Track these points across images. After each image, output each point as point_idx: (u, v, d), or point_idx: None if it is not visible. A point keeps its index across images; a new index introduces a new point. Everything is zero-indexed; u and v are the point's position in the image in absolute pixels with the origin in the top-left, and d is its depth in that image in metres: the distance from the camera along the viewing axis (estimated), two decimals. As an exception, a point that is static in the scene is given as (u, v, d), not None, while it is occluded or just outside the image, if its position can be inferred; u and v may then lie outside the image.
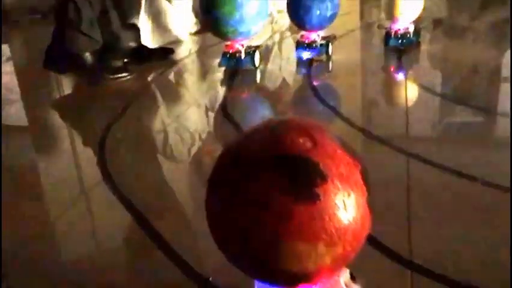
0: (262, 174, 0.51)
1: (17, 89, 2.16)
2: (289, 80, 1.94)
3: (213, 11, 1.73)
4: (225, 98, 1.63)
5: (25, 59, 2.65)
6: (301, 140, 0.52)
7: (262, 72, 1.94)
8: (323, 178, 0.51)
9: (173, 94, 1.87)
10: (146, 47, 2.25)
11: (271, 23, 2.99)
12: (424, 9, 1.94)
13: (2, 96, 2.01)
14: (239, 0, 1.70)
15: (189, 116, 1.56)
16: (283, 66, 2.10)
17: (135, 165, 1.22)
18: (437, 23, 2.76)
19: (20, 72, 2.45)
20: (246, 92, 1.78)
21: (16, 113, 1.84)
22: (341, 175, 0.52)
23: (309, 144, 0.52)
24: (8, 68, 2.62)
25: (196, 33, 2.61)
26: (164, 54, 2.22)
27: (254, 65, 1.86)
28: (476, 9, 3.33)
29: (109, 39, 1.92)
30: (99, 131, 1.39)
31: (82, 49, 1.78)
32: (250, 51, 1.84)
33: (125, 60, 2.00)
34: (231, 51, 1.81)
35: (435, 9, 3.09)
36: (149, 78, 2.01)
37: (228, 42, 1.81)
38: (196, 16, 2.61)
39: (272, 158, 0.52)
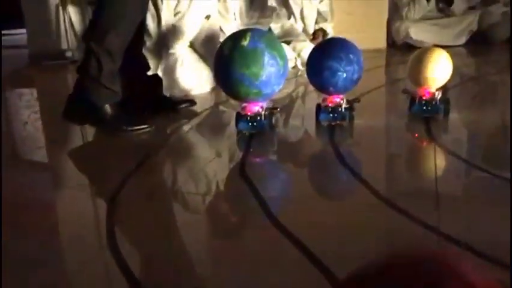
0: None
1: (41, 132, 2.19)
2: (310, 143, 1.88)
3: (233, 72, 1.63)
4: (243, 157, 1.58)
5: (51, 103, 2.67)
6: None
7: (282, 133, 1.89)
8: None
9: (191, 149, 1.84)
10: (167, 98, 2.24)
11: (296, 76, 2.97)
12: (453, 71, 1.86)
13: (31, 136, 2.14)
14: (266, 60, 1.61)
15: (205, 173, 1.51)
16: (304, 127, 2.05)
17: (143, 226, 1.16)
18: (466, 81, 2.71)
19: (44, 115, 2.47)
20: (263, 153, 1.71)
21: (38, 157, 1.88)
22: None
23: None
24: (34, 110, 2.66)
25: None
26: (186, 105, 2.20)
27: (273, 127, 1.76)
28: (505, 67, 3.26)
29: (130, 90, 1.91)
30: (113, 184, 1.36)
31: (102, 101, 1.77)
32: (268, 113, 1.73)
33: (145, 111, 1.98)
34: (249, 114, 1.70)
35: (464, 69, 3.03)
36: (168, 131, 1.99)
37: (245, 104, 1.71)
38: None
39: None
